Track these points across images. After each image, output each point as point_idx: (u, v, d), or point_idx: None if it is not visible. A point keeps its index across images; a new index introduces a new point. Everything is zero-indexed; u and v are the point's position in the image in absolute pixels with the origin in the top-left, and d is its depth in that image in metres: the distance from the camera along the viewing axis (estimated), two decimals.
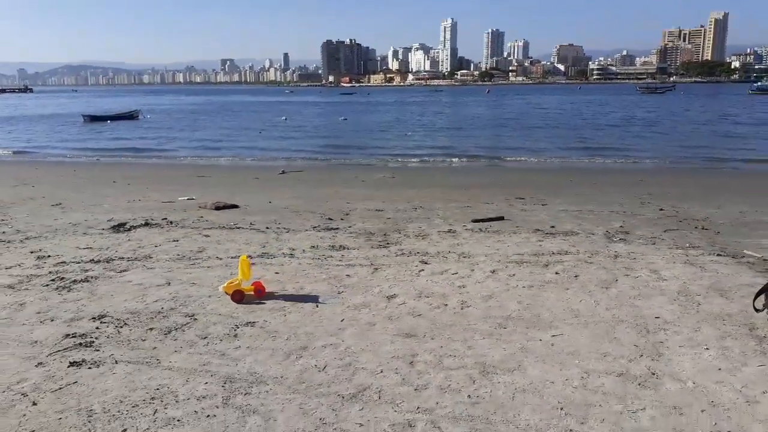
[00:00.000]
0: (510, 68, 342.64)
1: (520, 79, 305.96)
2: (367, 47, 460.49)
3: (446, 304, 4.76)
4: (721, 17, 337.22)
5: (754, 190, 11.49)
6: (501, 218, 8.30)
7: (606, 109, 54.18)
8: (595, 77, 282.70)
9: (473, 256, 6.19)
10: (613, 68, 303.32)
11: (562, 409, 3.15)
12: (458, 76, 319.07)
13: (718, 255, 6.18)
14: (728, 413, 3.08)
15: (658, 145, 22.92)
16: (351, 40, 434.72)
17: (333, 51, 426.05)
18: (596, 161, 18.68)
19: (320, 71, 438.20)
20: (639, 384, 3.41)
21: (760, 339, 4.02)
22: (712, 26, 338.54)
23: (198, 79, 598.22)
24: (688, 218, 8.26)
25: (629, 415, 3.08)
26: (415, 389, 3.38)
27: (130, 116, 44.61)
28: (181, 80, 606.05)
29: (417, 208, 9.22)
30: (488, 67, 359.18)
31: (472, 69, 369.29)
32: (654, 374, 3.52)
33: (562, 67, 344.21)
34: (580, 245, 6.64)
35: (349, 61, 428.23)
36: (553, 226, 7.72)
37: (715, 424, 2.99)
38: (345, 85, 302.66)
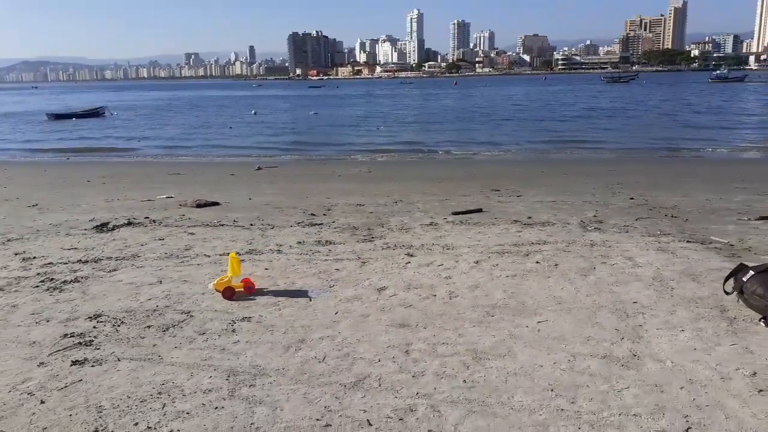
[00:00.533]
0: (476, 59, 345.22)
1: (486, 70, 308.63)
2: (334, 39, 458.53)
3: (435, 295, 4.94)
4: (680, 5, 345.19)
5: (718, 178, 11.96)
6: (479, 210, 8.51)
7: (573, 99, 55.15)
8: (560, 67, 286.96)
9: (456, 248, 6.37)
10: (578, 58, 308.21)
11: (552, 390, 3.35)
12: (426, 68, 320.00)
13: (687, 242, 6.49)
14: (705, 389, 3.32)
15: (625, 135, 23.52)
16: (318, 32, 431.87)
17: (300, 43, 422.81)
18: (566, 152, 19.11)
19: (287, 64, 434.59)
20: (622, 365, 3.63)
21: (731, 320, 4.29)
22: (672, 15, 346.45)
23: (162, 74, 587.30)
24: (657, 206, 8.60)
25: (615, 394, 3.29)
26: (413, 376, 3.54)
27: (96, 113, 43.69)
28: (145, 75, 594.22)
29: (397, 202, 9.37)
30: (455, 59, 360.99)
31: (439, 60, 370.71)
32: (635, 355, 3.75)
33: (527, 58, 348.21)
34: (557, 235, 6.89)
35: (316, 53, 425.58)
36: (530, 217, 7.97)
37: (694, 399, 3.22)
38: (313, 78, 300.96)
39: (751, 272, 4.49)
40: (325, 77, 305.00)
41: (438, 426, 3.02)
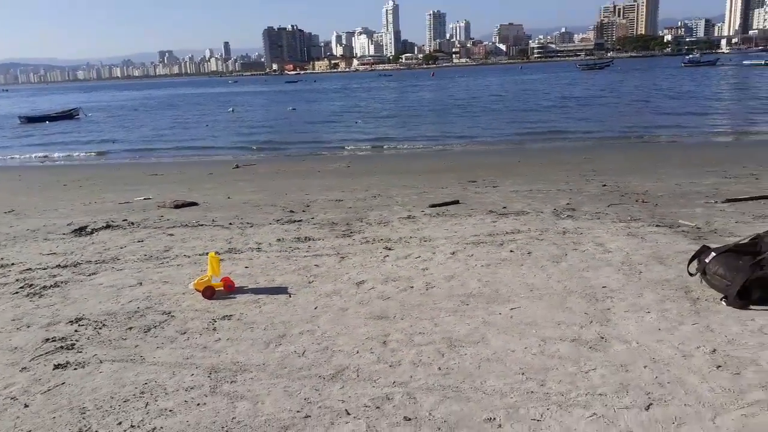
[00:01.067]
0: (453, 50, 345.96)
1: (463, 60, 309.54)
2: (310, 33, 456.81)
3: (412, 286, 5.05)
4: None
5: (690, 162, 12.25)
6: (456, 202, 8.65)
7: (548, 87, 55.60)
8: (536, 56, 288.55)
9: (433, 240, 6.50)
10: (553, 46, 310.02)
11: (523, 374, 3.49)
12: (403, 60, 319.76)
13: (657, 226, 6.69)
14: (667, 367, 3.49)
15: (599, 123, 23.85)
16: (293, 26, 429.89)
17: (275, 38, 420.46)
18: (542, 142, 19.34)
19: (263, 59, 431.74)
20: (590, 347, 3.78)
21: (694, 300, 4.47)
22: (645, 1, 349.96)
23: (136, 73, 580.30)
24: (629, 192, 8.81)
25: (582, 375, 3.44)
26: (390, 366, 3.66)
27: (70, 115, 43.04)
28: (119, 75, 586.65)
29: (376, 196, 9.47)
30: (432, 50, 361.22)
31: (416, 52, 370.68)
32: (603, 338, 3.91)
33: (503, 47, 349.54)
34: (531, 223, 7.05)
35: (292, 48, 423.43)
36: (505, 207, 8.12)
37: (656, 377, 3.38)
38: (289, 72, 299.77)
39: (713, 253, 4.67)
40: (302, 72, 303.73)
41: (413, 412, 3.14)
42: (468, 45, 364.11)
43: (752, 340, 3.79)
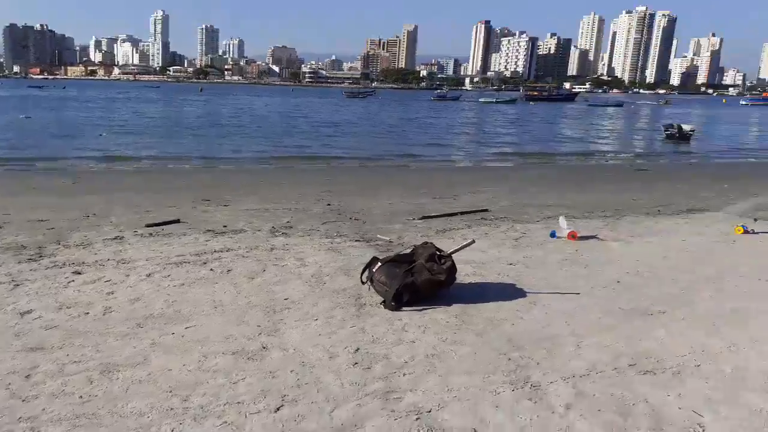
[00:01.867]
0: (226, 67, 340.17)
1: (236, 78, 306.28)
2: (63, 35, 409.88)
3: (88, 313, 4.73)
4: (412, 29, 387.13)
5: (410, 185, 13.59)
6: (177, 221, 8.39)
7: (313, 112, 57.77)
8: (307, 80, 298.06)
9: (133, 262, 6.20)
10: (324, 72, 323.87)
11: (171, 391, 3.48)
12: (171, 72, 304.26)
13: (356, 241, 7.28)
14: (312, 369, 3.78)
15: (349, 149, 25.38)
16: (43, 25, 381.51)
17: (19, 37, 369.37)
18: (292, 162, 19.92)
19: (2, 60, 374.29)
20: (248, 358, 3.93)
21: (361, 306, 4.95)
22: (405, 37, 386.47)
23: None
24: (347, 211, 9.45)
25: (229, 386, 3.55)
26: (23, 401, 3.35)
27: None
28: None
29: (90, 216, 8.74)
30: (203, 65, 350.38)
31: (186, 65, 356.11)
32: (265, 348, 4.10)
33: (277, 69, 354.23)
34: (244, 241, 7.15)
35: (40, 49, 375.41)
36: (225, 226, 8.11)
37: (298, 379, 3.64)
38: (35, 76, 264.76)
39: (379, 263, 5.24)
40: (50, 77, 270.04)
41: None
42: (241, 63, 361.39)
43: (392, 337, 4.31)
